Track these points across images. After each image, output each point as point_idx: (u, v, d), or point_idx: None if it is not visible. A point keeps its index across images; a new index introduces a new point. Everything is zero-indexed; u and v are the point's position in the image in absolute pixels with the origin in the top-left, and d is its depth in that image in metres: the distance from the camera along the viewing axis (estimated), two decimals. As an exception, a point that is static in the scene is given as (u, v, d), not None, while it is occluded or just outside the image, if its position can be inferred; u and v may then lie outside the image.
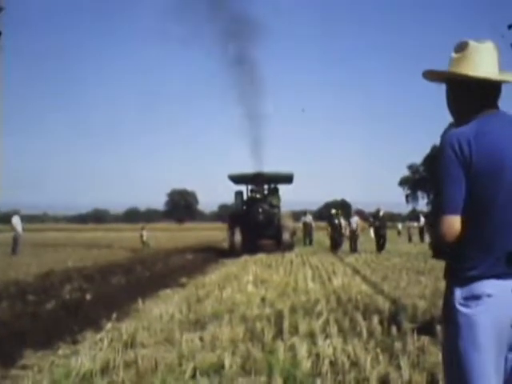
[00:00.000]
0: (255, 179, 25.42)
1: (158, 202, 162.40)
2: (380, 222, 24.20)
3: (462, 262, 2.26)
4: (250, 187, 26.36)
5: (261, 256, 20.47)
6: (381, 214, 24.59)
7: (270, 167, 25.98)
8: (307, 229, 32.59)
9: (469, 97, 2.40)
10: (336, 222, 25.21)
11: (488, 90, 2.37)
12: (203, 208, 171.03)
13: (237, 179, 26.44)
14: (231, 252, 22.53)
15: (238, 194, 26.37)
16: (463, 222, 2.24)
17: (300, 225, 34.18)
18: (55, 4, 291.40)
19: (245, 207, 25.40)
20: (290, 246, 23.97)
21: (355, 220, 24.86)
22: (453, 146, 2.23)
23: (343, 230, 25.23)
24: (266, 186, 26.43)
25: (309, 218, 33.10)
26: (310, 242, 31.80)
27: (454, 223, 2.23)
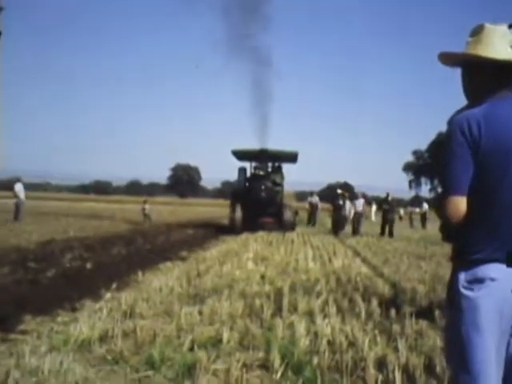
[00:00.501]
0: (259, 156, 24.92)
1: (161, 175, 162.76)
2: (389, 207, 24.16)
3: (467, 245, 2.25)
4: (253, 164, 25.95)
5: (262, 234, 20.47)
6: (389, 198, 24.52)
7: (274, 146, 25.62)
8: (312, 209, 32.42)
9: (484, 79, 2.37)
10: (340, 202, 25.02)
11: (504, 72, 2.35)
12: (206, 184, 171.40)
13: (240, 155, 25.97)
14: (231, 229, 22.27)
15: (241, 170, 25.96)
16: (469, 204, 2.23)
17: (305, 205, 34.05)
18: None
19: (247, 184, 24.99)
20: (291, 226, 23.63)
21: (361, 202, 24.68)
22: (462, 127, 2.22)
23: (347, 213, 25.04)
24: (269, 164, 25.98)
25: (315, 199, 32.92)
26: (314, 223, 31.61)
27: (459, 204, 2.23)
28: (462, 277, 2.24)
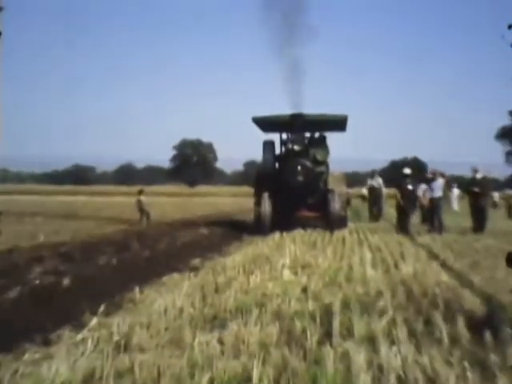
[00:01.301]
0: (292, 123, 22.91)
1: (162, 157, 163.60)
2: (480, 189, 22.17)
3: None
4: (284, 136, 24.54)
5: (301, 232, 20.35)
6: (478, 176, 22.47)
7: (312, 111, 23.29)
8: (374, 196, 30.69)
9: None
10: (409, 187, 23.58)
11: None
12: (223, 166, 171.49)
13: (265, 124, 24.88)
14: (257, 227, 21.83)
15: (268, 144, 24.42)
16: None
17: (359, 190, 33.48)
18: None
19: (277, 164, 24.13)
20: (341, 220, 22.94)
21: (440, 185, 22.91)
22: None
23: (423, 200, 23.87)
24: (307, 135, 24.51)
25: (377, 182, 30.99)
26: (378, 216, 30.01)
27: None
28: None
